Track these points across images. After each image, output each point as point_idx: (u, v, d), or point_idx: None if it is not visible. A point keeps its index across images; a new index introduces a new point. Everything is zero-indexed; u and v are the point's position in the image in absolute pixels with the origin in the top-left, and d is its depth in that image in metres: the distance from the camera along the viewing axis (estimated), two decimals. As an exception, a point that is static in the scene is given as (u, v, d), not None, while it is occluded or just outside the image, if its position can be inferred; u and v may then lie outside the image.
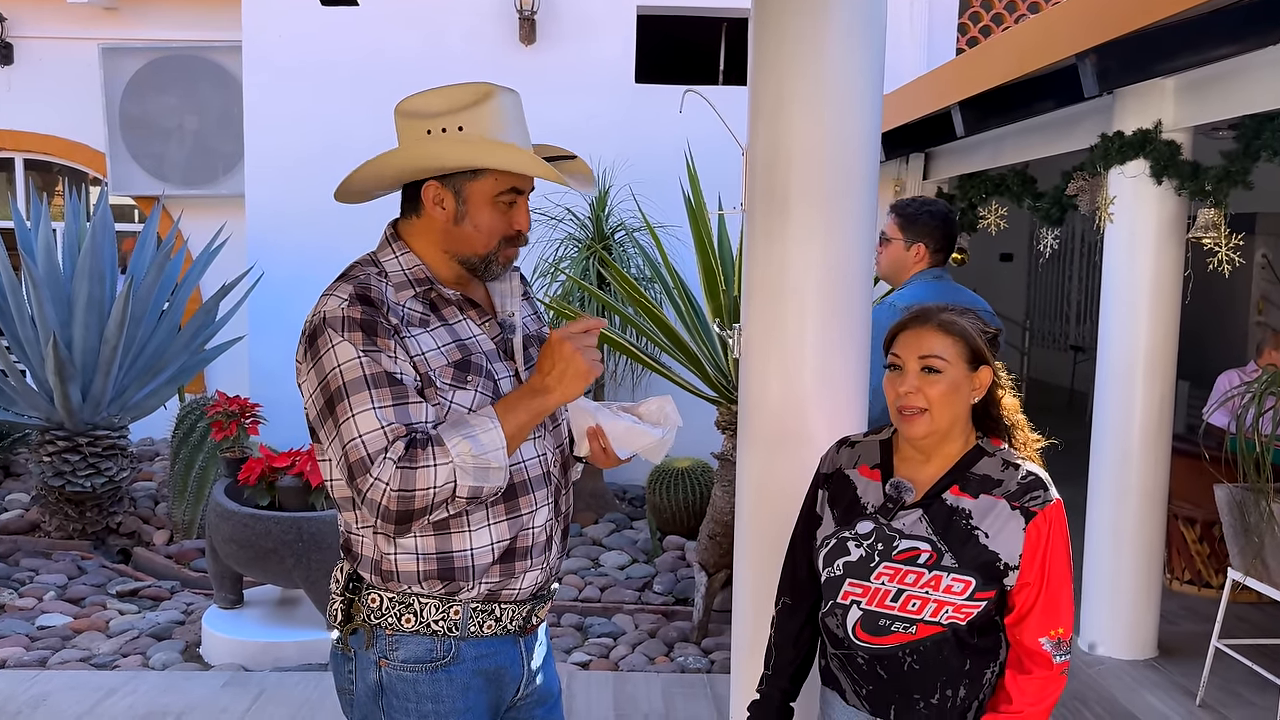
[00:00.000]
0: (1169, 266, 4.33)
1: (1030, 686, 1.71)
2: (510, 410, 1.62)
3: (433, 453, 1.53)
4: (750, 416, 2.43)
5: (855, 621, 1.76)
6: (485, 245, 1.70)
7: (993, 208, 6.24)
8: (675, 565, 5.48)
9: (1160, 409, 4.39)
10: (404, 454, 1.53)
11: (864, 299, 2.37)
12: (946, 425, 1.76)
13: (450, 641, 1.67)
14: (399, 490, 1.52)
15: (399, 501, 1.52)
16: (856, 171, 2.31)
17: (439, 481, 1.53)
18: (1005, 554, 1.70)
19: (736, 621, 2.56)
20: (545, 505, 1.74)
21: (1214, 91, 3.94)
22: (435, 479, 1.53)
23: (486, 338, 1.73)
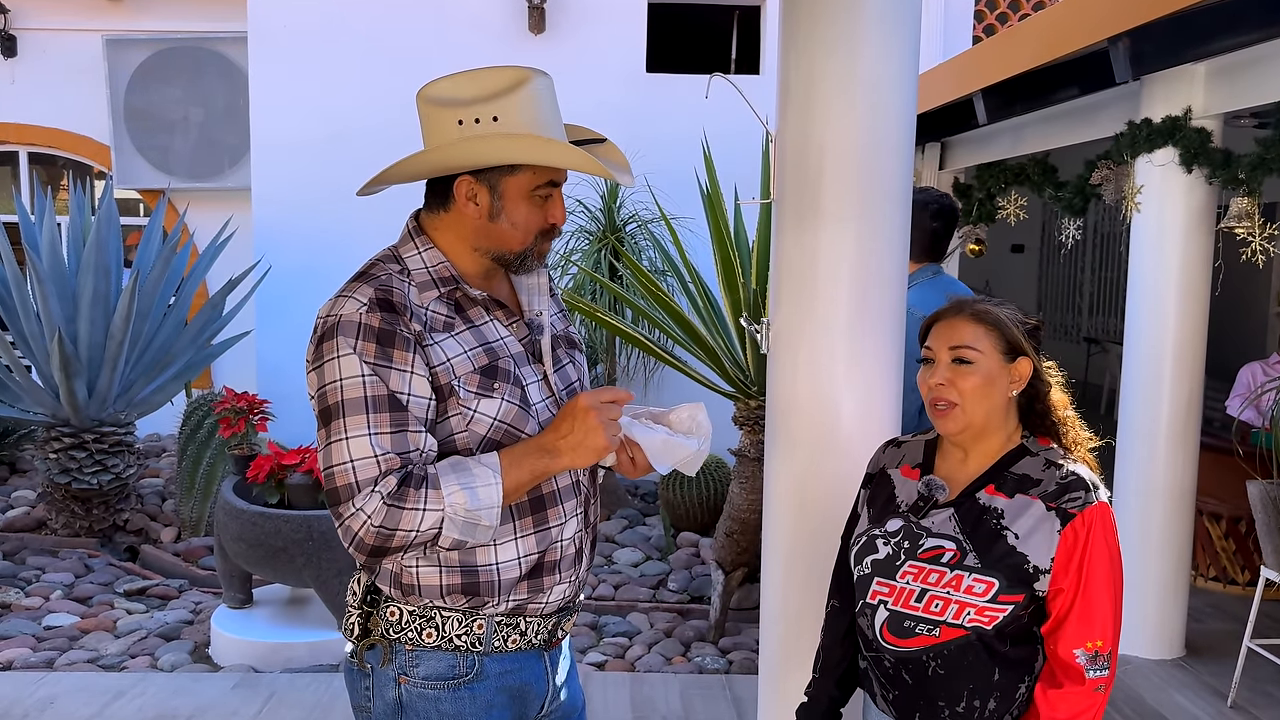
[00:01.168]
0: (1198, 257, 4.22)
1: (1061, 702, 1.61)
2: (514, 466, 1.51)
3: (425, 495, 1.44)
4: (779, 414, 2.34)
5: (882, 622, 1.69)
6: (522, 241, 1.61)
7: (1012, 198, 6.13)
8: (690, 562, 5.40)
9: (1189, 404, 4.28)
10: (395, 491, 1.44)
11: (898, 292, 2.28)
12: (982, 420, 1.68)
13: (474, 657, 1.58)
14: (380, 526, 1.43)
15: (377, 537, 1.44)
16: (891, 159, 2.21)
17: (424, 526, 1.44)
18: (1035, 557, 1.61)
19: (765, 621, 2.47)
20: (575, 517, 1.65)
21: (1246, 77, 3.82)
22: (421, 523, 1.44)
23: (514, 340, 1.63)
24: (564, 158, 1.54)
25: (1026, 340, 1.70)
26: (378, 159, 7.50)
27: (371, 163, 7.50)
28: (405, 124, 8.64)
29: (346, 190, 8.55)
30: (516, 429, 1.56)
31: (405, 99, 7.47)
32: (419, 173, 1.59)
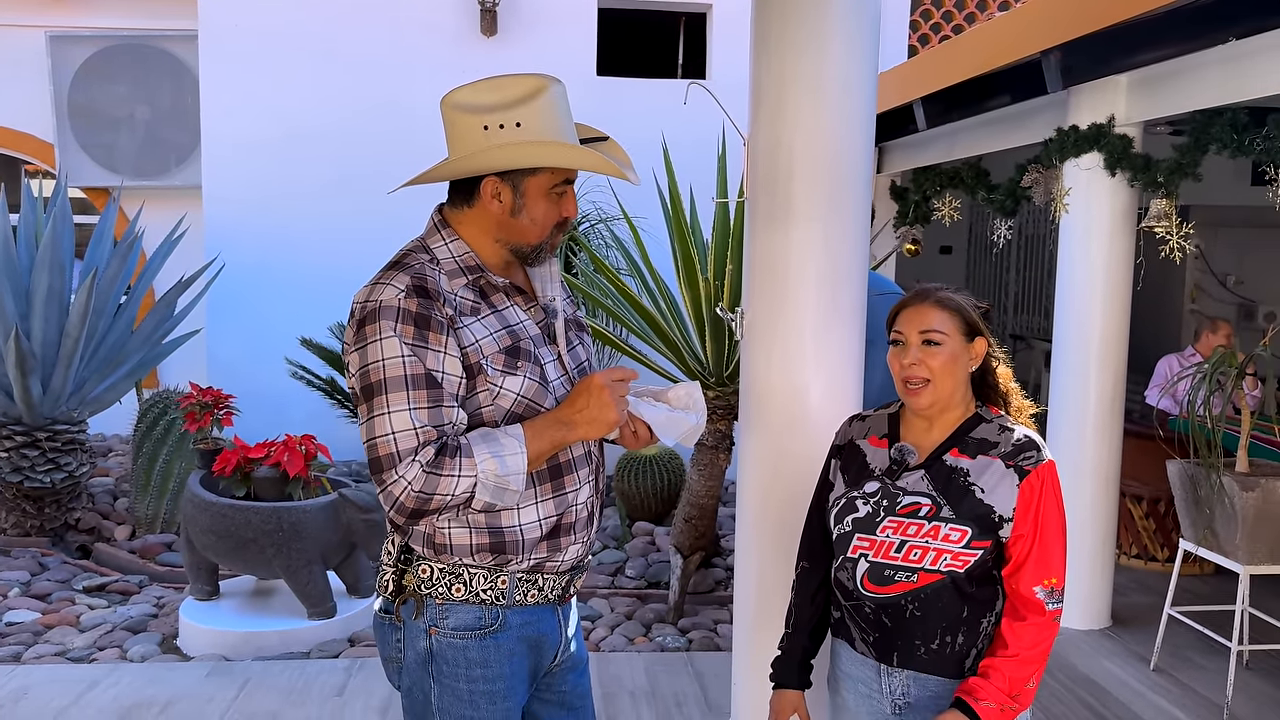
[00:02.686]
0: (1121, 255, 4.54)
1: (1026, 632, 1.85)
2: (536, 436, 1.68)
3: (460, 463, 1.61)
4: (753, 397, 2.54)
5: (863, 573, 1.90)
6: (539, 235, 1.78)
7: (946, 200, 6.45)
8: (646, 550, 5.58)
9: (1114, 392, 4.60)
10: (433, 459, 1.60)
11: (861, 285, 2.49)
12: (948, 394, 1.91)
13: (497, 610, 1.74)
14: (420, 491, 1.60)
15: (417, 501, 1.60)
16: (855, 161, 2.42)
17: (459, 490, 1.61)
18: (1000, 507, 1.84)
19: (739, 587, 2.67)
20: (587, 484, 1.83)
21: (1165, 88, 4.14)
22: (456, 488, 1.61)
23: (532, 323, 1.80)
24: (585, 161, 1.72)
25: (982, 322, 1.94)
26: (332, 158, 7.67)
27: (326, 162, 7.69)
28: (358, 124, 8.81)
29: (300, 189, 8.64)
30: (536, 404, 1.73)
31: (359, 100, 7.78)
32: (452, 175, 1.75)
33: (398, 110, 7.07)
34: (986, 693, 1.81)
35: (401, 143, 6.90)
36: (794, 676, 2.03)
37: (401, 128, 7.03)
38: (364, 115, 7.08)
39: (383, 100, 7.07)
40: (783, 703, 2.02)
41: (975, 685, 1.82)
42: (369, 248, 6.69)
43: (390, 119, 7.06)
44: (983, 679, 1.82)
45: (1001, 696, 1.80)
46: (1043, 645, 1.85)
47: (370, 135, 7.07)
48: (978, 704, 1.80)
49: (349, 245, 7.11)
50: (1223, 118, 3.76)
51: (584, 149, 1.73)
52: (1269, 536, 3.74)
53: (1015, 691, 1.82)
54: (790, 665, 2.05)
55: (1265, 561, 3.77)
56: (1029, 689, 1.85)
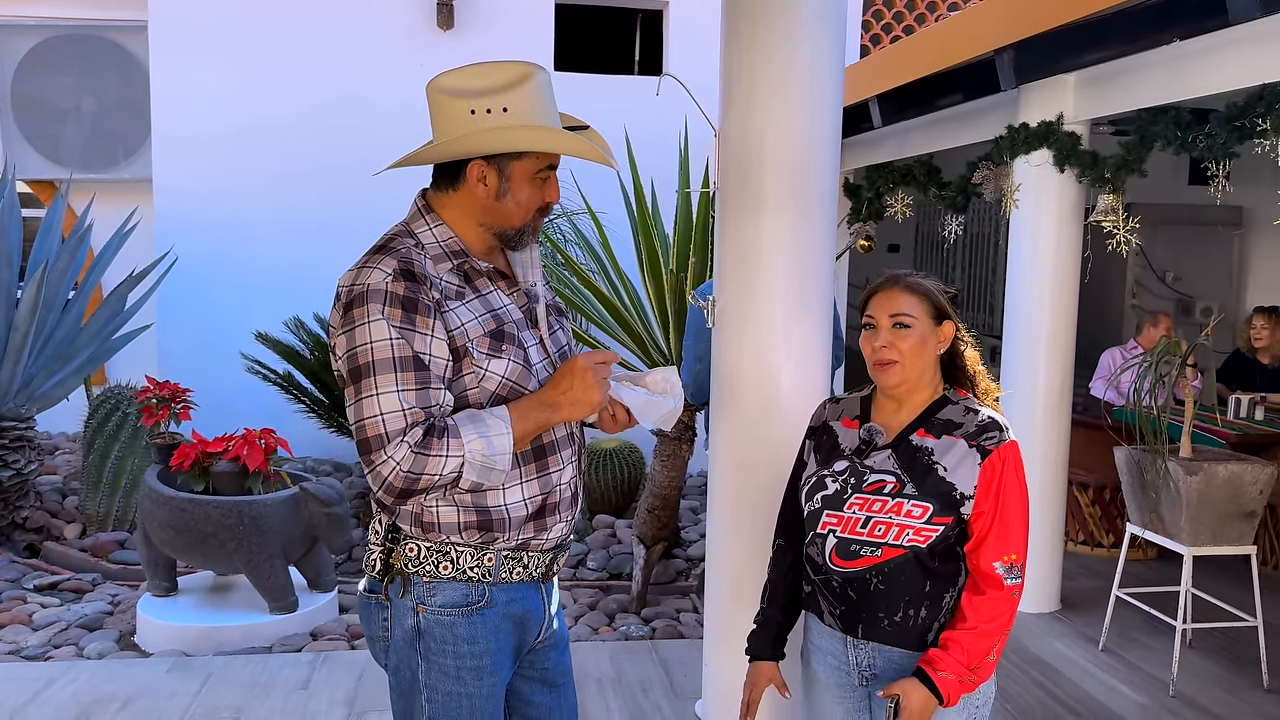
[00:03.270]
0: (1069, 249, 4.68)
1: (984, 606, 1.91)
2: (521, 417, 1.71)
3: (447, 444, 1.63)
4: (725, 383, 2.59)
5: (831, 548, 1.97)
6: (522, 218, 1.81)
7: (899, 197, 6.57)
8: (607, 542, 5.62)
9: (1062, 382, 4.74)
10: (421, 440, 1.63)
11: (828, 273, 2.55)
12: (917, 374, 1.98)
13: (484, 587, 1.77)
14: (408, 471, 1.62)
15: (405, 481, 1.63)
16: (823, 153, 2.49)
17: (447, 470, 1.64)
18: (961, 485, 1.91)
19: (711, 579, 2.72)
20: (570, 464, 1.86)
21: (1111, 87, 4.28)
22: (444, 467, 1.63)
23: (515, 307, 1.84)
24: (571, 146, 1.76)
25: (950, 306, 2.01)
26: (287, 151, 7.62)
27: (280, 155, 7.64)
28: (313, 117, 8.73)
29: (254, 182, 8.55)
30: (520, 386, 1.76)
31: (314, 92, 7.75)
32: (440, 157, 1.78)
33: (353, 103, 7.04)
34: (945, 664, 1.87)
35: (357, 135, 6.89)
36: (768, 648, 2.09)
37: (357, 120, 7.01)
38: (319, 108, 7.03)
39: (338, 93, 7.03)
40: (759, 673, 2.08)
41: (935, 656, 1.89)
42: (325, 241, 6.68)
43: (346, 112, 7.02)
44: (942, 650, 1.89)
45: (960, 668, 1.87)
46: (1001, 619, 1.92)
47: (326, 128, 7.02)
48: (936, 674, 1.86)
49: (304, 239, 7.05)
50: (1167, 116, 3.90)
51: (570, 134, 1.77)
52: (1211, 519, 3.89)
53: (974, 663, 1.88)
54: (765, 638, 2.11)
55: (1207, 543, 3.92)
56: (988, 662, 1.92)
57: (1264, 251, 8.38)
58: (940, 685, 1.85)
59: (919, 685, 1.86)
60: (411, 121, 1.80)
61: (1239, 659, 4.19)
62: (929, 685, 1.86)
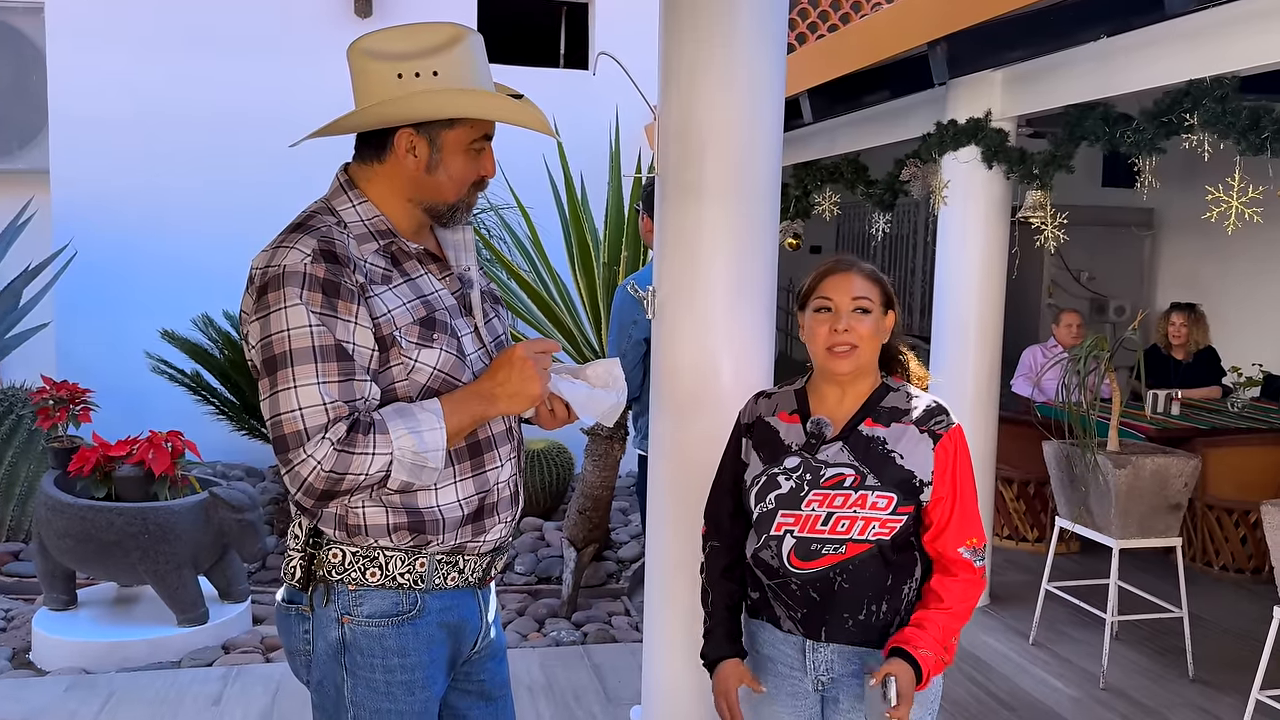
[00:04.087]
0: (996, 245, 4.70)
1: (956, 587, 1.86)
2: (455, 411, 1.57)
3: (374, 440, 1.49)
4: (664, 375, 2.49)
5: (789, 550, 1.88)
6: (456, 193, 1.67)
7: (826, 195, 6.57)
8: (535, 545, 5.48)
9: (990, 376, 4.76)
10: (344, 436, 1.48)
11: (771, 262, 2.47)
12: (868, 360, 1.93)
13: (415, 594, 1.63)
14: (330, 471, 1.48)
15: (327, 481, 1.48)
16: (765, 139, 2.40)
17: (373, 469, 1.50)
18: (919, 471, 1.86)
19: (651, 580, 2.61)
20: (509, 461, 1.73)
21: (1038, 83, 4.31)
22: (370, 466, 1.49)
23: (448, 293, 1.69)
24: (509, 112, 1.62)
25: (894, 294, 1.96)
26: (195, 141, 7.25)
27: (188, 144, 7.27)
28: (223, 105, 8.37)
29: (160, 173, 8.14)
30: (454, 378, 1.63)
31: (224, 80, 7.41)
32: (363, 125, 1.63)
33: (266, 92, 6.76)
34: (923, 642, 1.81)
35: (269, 125, 6.61)
36: (727, 647, 1.98)
37: (269, 109, 6.73)
38: (229, 96, 6.73)
39: (250, 81, 6.74)
40: (727, 676, 1.95)
41: (911, 635, 1.82)
42: (236, 235, 6.38)
43: (258, 101, 6.73)
44: (917, 629, 1.83)
45: (936, 646, 1.81)
46: (970, 601, 1.88)
47: (236, 117, 6.73)
48: (917, 651, 1.80)
49: (214, 232, 6.74)
50: (1095, 112, 3.93)
51: (508, 99, 1.64)
52: (1139, 511, 3.93)
53: (946, 643, 1.83)
54: (719, 640, 2.00)
55: (1135, 535, 3.95)
56: (953, 644, 1.87)
57: (1172, 252, 8.64)
58: (921, 662, 1.79)
59: (906, 665, 1.79)
60: (330, 111, 1.66)
61: (1164, 649, 4.25)
62: (912, 663, 1.79)
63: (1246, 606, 4.79)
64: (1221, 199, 3.31)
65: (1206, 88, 3.35)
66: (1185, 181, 3.77)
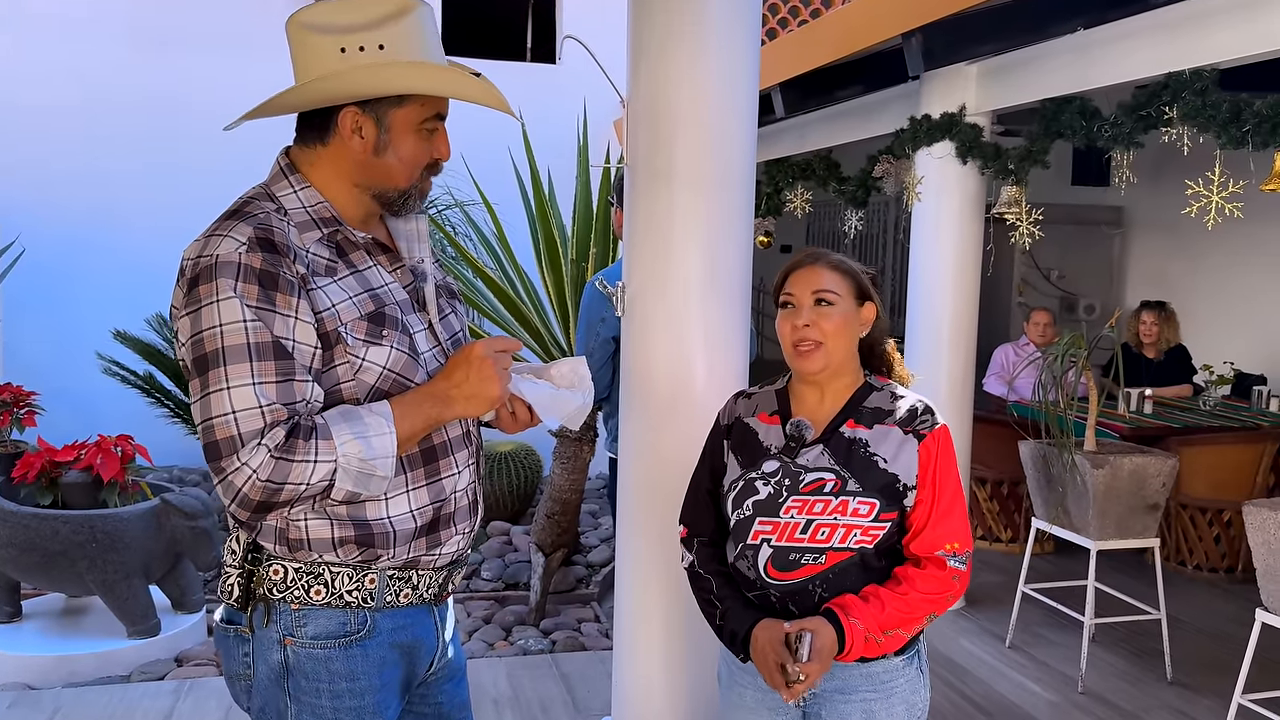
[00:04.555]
0: (971, 242, 4.64)
1: (920, 578, 1.74)
2: (407, 414, 1.44)
3: (315, 446, 1.36)
4: (635, 375, 2.38)
5: (766, 560, 1.78)
6: (407, 177, 1.53)
7: (798, 192, 6.48)
8: (502, 550, 5.34)
9: (964, 374, 4.70)
10: (283, 442, 1.35)
11: (746, 254, 2.37)
12: (839, 358, 1.82)
13: (365, 613, 1.51)
14: (267, 481, 1.34)
15: (264, 492, 1.35)
16: (739, 119, 2.30)
17: (315, 479, 1.36)
18: (904, 474, 1.77)
19: (621, 587, 2.50)
20: (467, 468, 1.60)
21: (1013, 77, 4.24)
22: (312, 475, 1.36)
23: (399, 286, 1.56)
24: (464, 88, 1.49)
25: (872, 287, 1.85)
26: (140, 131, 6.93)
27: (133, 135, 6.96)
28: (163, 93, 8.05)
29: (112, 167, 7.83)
30: (405, 378, 1.50)
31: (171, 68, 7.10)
32: (304, 103, 1.50)
33: (216, 81, 6.52)
34: (859, 612, 1.70)
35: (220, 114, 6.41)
36: (749, 616, 1.77)
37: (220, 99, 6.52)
38: (176, 80, 6.51)
39: (200, 69, 6.52)
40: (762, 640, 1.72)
41: (851, 602, 1.72)
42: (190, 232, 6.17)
43: (206, 90, 6.50)
44: (861, 600, 1.72)
45: (873, 623, 1.70)
46: (935, 596, 1.75)
47: (189, 102, 6.51)
48: (848, 618, 1.69)
49: (165, 229, 6.53)
50: (1071, 106, 3.86)
51: (461, 73, 1.51)
52: (1116, 512, 3.86)
53: (888, 627, 1.72)
54: (738, 613, 1.79)
55: (1113, 536, 3.89)
56: (899, 636, 1.75)
57: (1141, 250, 8.65)
58: (848, 631, 1.68)
59: (828, 625, 1.68)
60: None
61: (1141, 652, 4.19)
62: (836, 627, 1.68)
63: (1222, 606, 4.76)
64: (1201, 194, 3.24)
65: (1186, 80, 3.29)
66: (1154, 180, 3.72)
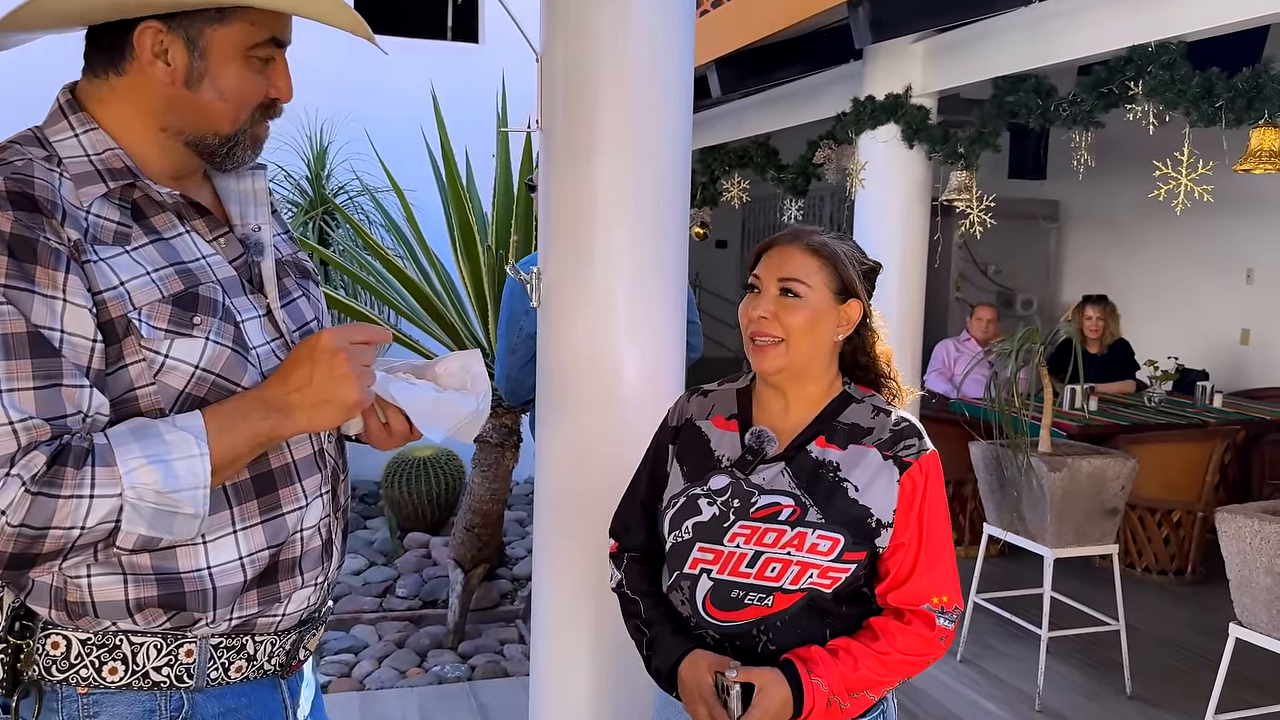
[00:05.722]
0: (917, 231, 4.40)
1: (904, 635, 1.45)
2: (227, 429, 1.08)
3: (92, 476, 1.00)
4: (554, 373, 2.04)
5: (705, 594, 1.47)
6: (231, 119, 1.16)
7: (735, 181, 6.21)
8: (420, 565, 4.95)
9: (911, 373, 4.45)
10: (43, 472, 0.99)
11: (682, 234, 2.04)
12: (803, 361, 1.50)
13: (180, 695, 1.14)
14: (22, 526, 0.98)
15: (17, 541, 0.99)
16: (673, 76, 1.97)
17: (91, 520, 1.00)
18: (878, 509, 1.46)
19: (538, 609, 2.18)
20: (319, 498, 1.24)
21: (961, 55, 4.00)
22: (86, 516, 1.00)
23: (223, 260, 1.18)
24: (307, 3, 1.13)
25: (861, 282, 1.52)
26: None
27: None
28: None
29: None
30: (229, 381, 1.13)
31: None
32: (86, 12, 1.11)
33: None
34: (827, 669, 1.40)
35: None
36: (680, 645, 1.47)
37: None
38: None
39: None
40: (691, 673, 1.43)
41: (816, 656, 1.41)
42: None
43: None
44: (829, 655, 1.42)
45: (839, 685, 1.40)
46: (915, 657, 1.46)
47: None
48: (809, 678, 1.38)
49: None
50: (1026, 84, 3.62)
51: None
52: (1074, 518, 3.63)
53: (856, 690, 1.43)
54: (667, 642, 1.49)
55: (1070, 543, 3.66)
56: (865, 699, 1.45)
57: (1078, 244, 8.58)
58: (808, 693, 1.37)
59: (782, 682, 1.38)
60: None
61: (1097, 663, 3.98)
62: (794, 683, 1.38)
63: (1173, 611, 4.59)
64: (1170, 175, 3.01)
65: (1151, 54, 3.06)
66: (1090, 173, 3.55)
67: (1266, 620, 2.84)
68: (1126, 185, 6.81)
